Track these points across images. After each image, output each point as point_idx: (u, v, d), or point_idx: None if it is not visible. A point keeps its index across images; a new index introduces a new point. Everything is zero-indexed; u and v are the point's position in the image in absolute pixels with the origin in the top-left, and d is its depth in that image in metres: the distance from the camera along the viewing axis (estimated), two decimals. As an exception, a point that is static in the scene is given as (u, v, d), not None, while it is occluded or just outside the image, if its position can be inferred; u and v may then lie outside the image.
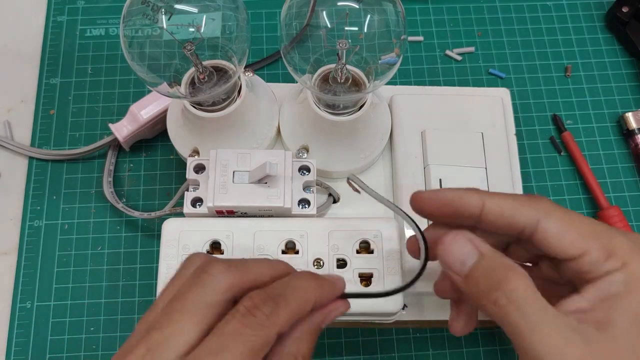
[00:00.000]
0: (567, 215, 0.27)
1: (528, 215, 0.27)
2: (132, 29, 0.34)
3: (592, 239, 0.26)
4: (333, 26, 0.35)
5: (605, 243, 0.26)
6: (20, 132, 0.46)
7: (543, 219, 0.27)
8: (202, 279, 0.26)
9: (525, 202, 0.27)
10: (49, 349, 0.40)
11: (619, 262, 0.25)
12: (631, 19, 0.49)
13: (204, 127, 0.38)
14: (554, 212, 0.27)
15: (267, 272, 0.28)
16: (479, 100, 0.42)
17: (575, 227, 0.26)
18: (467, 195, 0.28)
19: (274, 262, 0.29)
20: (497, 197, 0.28)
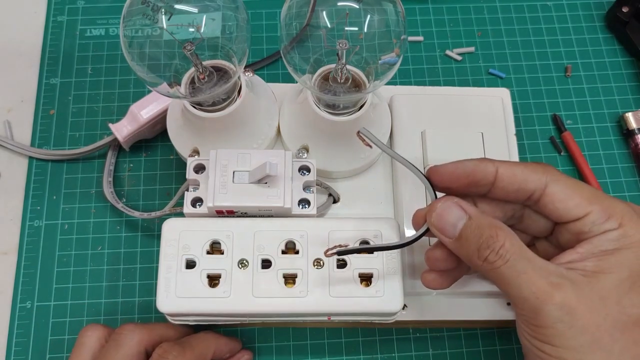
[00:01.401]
0: (572, 181, 0.29)
1: (538, 180, 0.29)
2: (132, 29, 0.34)
3: (594, 203, 0.28)
4: (333, 26, 0.35)
5: (606, 206, 0.28)
6: (20, 132, 0.46)
7: (551, 183, 0.29)
8: (117, 339, 0.33)
9: (534, 168, 0.30)
10: (49, 349, 0.40)
11: (616, 223, 0.27)
12: (631, 19, 0.49)
13: (204, 127, 0.38)
14: (561, 177, 0.29)
15: (171, 331, 0.36)
16: (479, 100, 0.42)
17: (579, 192, 0.29)
18: (483, 163, 0.30)
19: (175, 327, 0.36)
20: (509, 164, 0.30)
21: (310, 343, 0.40)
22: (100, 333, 0.34)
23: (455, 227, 0.29)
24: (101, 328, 0.35)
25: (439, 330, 0.41)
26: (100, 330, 0.34)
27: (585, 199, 0.28)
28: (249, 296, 0.33)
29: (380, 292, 0.34)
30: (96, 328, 0.35)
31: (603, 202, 0.28)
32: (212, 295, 0.33)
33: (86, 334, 0.34)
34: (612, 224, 0.28)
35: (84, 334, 0.34)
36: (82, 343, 0.34)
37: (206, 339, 0.36)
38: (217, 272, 0.34)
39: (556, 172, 0.30)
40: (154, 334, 0.34)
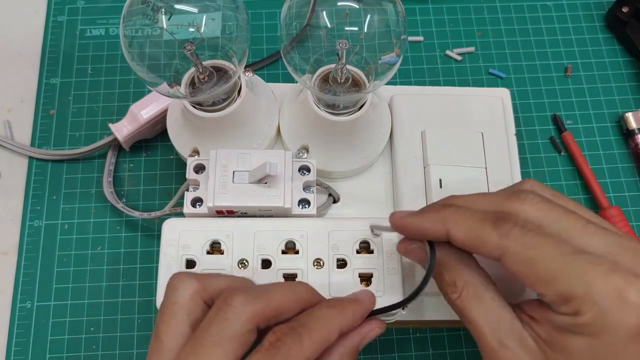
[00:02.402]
0: (530, 255, 0.26)
1: (490, 253, 0.27)
2: (132, 29, 0.34)
3: (549, 286, 0.26)
4: (333, 26, 0.35)
5: (562, 291, 0.25)
6: (20, 132, 0.46)
7: (505, 257, 0.27)
8: (224, 312, 0.26)
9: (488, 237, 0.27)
10: (49, 349, 0.40)
11: (571, 309, 0.25)
12: (631, 19, 0.49)
13: (204, 127, 0.38)
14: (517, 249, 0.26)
15: (289, 297, 0.28)
16: (479, 100, 0.42)
17: (534, 271, 0.26)
18: (432, 226, 0.29)
19: (295, 287, 0.29)
20: (461, 223, 0.28)
21: (310, 343, 0.40)
22: (194, 289, 0.28)
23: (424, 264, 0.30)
24: (195, 281, 0.28)
25: (439, 330, 0.41)
26: (194, 285, 0.28)
27: (540, 280, 0.26)
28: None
29: (380, 292, 0.34)
30: (189, 283, 0.28)
31: (560, 285, 0.25)
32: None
33: (178, 291, 0.28)
34: (567, 309, 0.25)
35: (174, 290, 0.28)
36: (174, 302, 0.27)
37: (329, 316, 0.28)
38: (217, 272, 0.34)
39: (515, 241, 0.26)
40: (270, 308, 0.27)
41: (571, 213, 0.27)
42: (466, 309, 0.28)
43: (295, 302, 0.28)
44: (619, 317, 0.24)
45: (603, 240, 0.26)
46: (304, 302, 0.29)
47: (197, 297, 0.28)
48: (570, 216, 0.27)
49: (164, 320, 0.27)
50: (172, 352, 0.26)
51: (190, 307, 0.27)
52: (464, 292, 0.28)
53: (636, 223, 0.44)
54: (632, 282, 0.24)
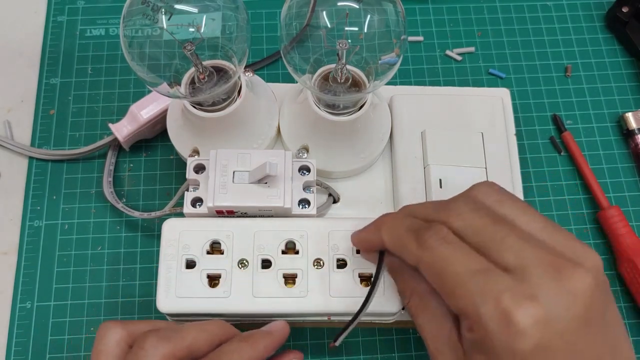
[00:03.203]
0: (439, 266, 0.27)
1: (410, 261, 0.28)
2: (132, 29, 0.34)
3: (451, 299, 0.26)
4: (333, 26, 0.35)
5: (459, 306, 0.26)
6: (20, 132, 0.46)
7: (419, 267, 0.28)
8: (137, 355, 0.28)
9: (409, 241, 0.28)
10: (49, 349, 0.40)
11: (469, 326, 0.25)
12: (631, 19, 0.49)
13: (204, 127, 0.38)
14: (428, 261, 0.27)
15: (200, 336, 0.29)
16: (479, 100, 0.42)
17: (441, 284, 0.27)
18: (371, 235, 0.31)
19: (207, 325, 0.30)
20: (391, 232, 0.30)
21: (310, 343, 0.40)
22: (119, 335, 0.30)
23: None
24: (119, 329, 0.30)
25: (439, 330, 0.41)
26: (119, 330, 0.30)
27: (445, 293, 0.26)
28: (249, 296, 0.33)
29: (380, 292, 0.34)
30: (114, 331, 0.30)
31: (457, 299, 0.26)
32: (212, 295, 0.33)
33: (105, 339, 0.29)
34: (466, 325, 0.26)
35: (101, 339, 0.30)
36: (100, 350, 0.29)
37: (241, 351, 0.29)
38: (217, 272, 0.34)
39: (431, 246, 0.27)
40: (182, 347, 0.28)
41: (496, 224, 0.26)
42: (413, 315, 0.30)
43: (207, 340, 0.30)
44: (506, 340, 0.23)
45: (517, 254, 0.25)
46: (217, 339, 0.30)
47: (122, 343, 0.29)
48: (490, 228, 0.26)
49: None
50: None
51: (115, 353, 0.29)
52: (411, 300, 0.30)
53: (636, 223, 0.44)
54: (523, 305, 0.23)
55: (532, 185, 0.45)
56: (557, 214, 0.44)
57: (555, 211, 0.44)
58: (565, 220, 0.44)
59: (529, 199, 0.44)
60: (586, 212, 0.45)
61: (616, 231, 0.42)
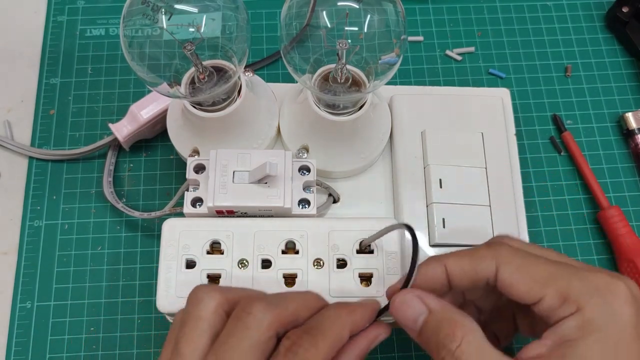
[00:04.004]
0: (524, 261, 0.28)
1: (487, 268, 0.28)
2: (132, 29, 0.34)
3: (547, 285, 0.27)
4: (333, 26, 0.35)
5: (560, 288, 0.27)
6: (20, 132, 0.46)
7: (500, 269, 0.28)
8: (244, 321, 0.26)
9: (482, 255, 0.29)
10: (49, 349, 0.40)
11: (573, 307, 0.26)
12: (631, 19, 0.49)
13: (204, 127, 0.38)
14: (511, 259, 0.28)
15: (303, 304, 0.29)
16: (479, 100, 0.42)
17: (530, 274, 0.27)
18: (430, 267, 0.29)
19: (308, 294, 0.30)
20: (456, 258, 0.29)
21: (310, 343, 0.40)
22: (218, 302, 0.28)
23: (416, 322, 0.28)
24: (218, 294, 0.28)
25: (439, 330, 0.41)
26: (218, 297, 0.28)
27: (537, 282, 0.27)
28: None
29: (380, 292, 0.34)
30: (213, 295, 0.28)
31: (556, 283, 0.27)
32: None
33: (202, 304, 0.27)
34: (569, 309, 0.26)
35: (198, 303, 0.28)
36: (198, 316, 0.27)
37: (339, 316, 0.28)
38: (217, 272, 0.34)
39: (506, 251, 0.28)
40: (287, 314, 0.27)
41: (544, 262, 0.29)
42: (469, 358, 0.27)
43: (309, 309, 0.29)
44: (618, 305, 0.26)
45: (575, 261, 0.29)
46: (315, 309, 0.29)
47: (220, 310, 0.28)
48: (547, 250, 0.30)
49: (185, 333, 0.27)
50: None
51: (212, 321, 0.27)
52: (464, 341, 0.27)
53: (636, 223, 0.44)
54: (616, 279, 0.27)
55: (532, 185, 0.45)
56: (557, 214, 0.44)
57: (555, 211, 0.44)
58: (565, 220, 0.44)
59: (529, 198, 0.44)
60: (586, 212, 0.45)
61: (616, 231, 0.42)
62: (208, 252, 0.34)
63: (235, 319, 0.27)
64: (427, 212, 0.39)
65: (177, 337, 0.27)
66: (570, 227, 0.44)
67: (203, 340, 0.27)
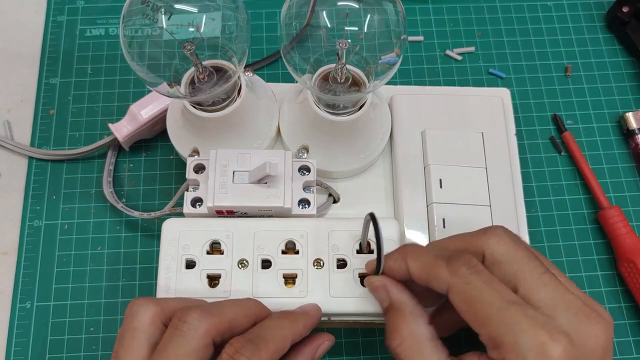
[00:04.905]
0: (474, 293, 0.27)
1: (439, 286, 0.28)
2: (132, 29, 0.34)
3: (482, 326, 0.27)
4: (333, 26, 0.35)
5: (492, 334, 0.26)
6: (20, 132, 0.46)
7: (450, 293, 0.28)
8: (180, 329, 0.27)
9: (438, 272, 0.28)
10: (48, 349, 0.40)
11: (501, 356, 0.26)
12: (631, 19, 0.49)
13: (204, 127, 0.38)
14: (462, 288, 0.27)
15: (240, 311, 0.30)
16: (479, 100, 0.42)
17: (473, 311, 0.27)
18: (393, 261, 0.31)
19: (246, 302, 0.31)
20: (416, 259, 0.30)
21: (310, 343, 0.40)
22: (154, 313, 0.28)
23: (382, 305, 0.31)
24: (154, 305, 0.29)
25: (439, 331, 0.41)
26: (153, 308, 0.28)
27: (477, 319, 0.27)
28: (249, 296, 0.33)
29: (380, 292, 0.33)
30: (147, 307, 0.28)
31: (491, 327, 0.26)
32: (212, 295, 0.33)
33: (138, 316, 0.28)
34: (497, 355, 0.26)
35: (134, 315, 0.28)
36: (134, 327, 0.28)
37: (282, 326, 0.30)
38: (217, 272, 0.34)
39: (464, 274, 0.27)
40: (223, 322, 0.28)
41: (535, 258, 0.28)
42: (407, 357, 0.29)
43: (247, 316, 0.30)
44: None
45: (551, 293, 0.27)
46: (254, 316, 0.30)
47: (157, 320, 0.29)
48: (532, 261, 0.28)
49: (124, 345, 0.28)
50: None
51: (150, 331, 0.28)
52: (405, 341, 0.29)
53: (636, 223, 0.44)
54: (558, 339, 0.25)
55: (532, 185, 0.45)
56: (557, 214, 0.44)
57: (555, 211, 0.44)
58: (565, 220, 0.44)
59: (529, 199, 0.44)
60: (586, 212, 0.45)
61: (616, 231, 0.42)
62: (208, 252, 0.34)
63: (171, 328, 0.28)
64: (427, 212, 0.39)
65: (115, 349, 0.28)
66: (571, 227, 0.44)
67: (142, 351, 0.28)
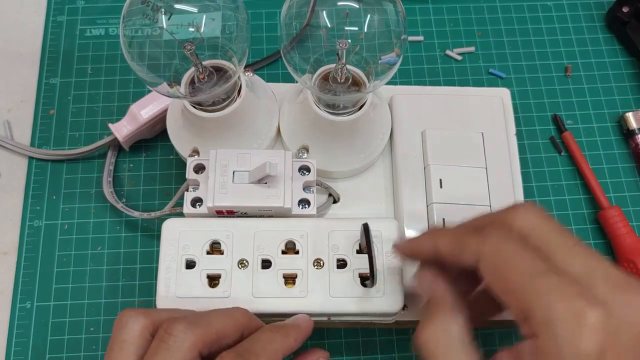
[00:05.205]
0: (504, 262, 0.26)
1: (469, 257, 0.27)
2: (132, 29, 0.34)
3: (513, 297, 0.25)
4: (333, 26, 0.35)
5: (522, 305, 0.25)
6: (20, 132, 0.46)
7: (479, 264, 0.27)
8: (166, 342, 0.27)
9: (467, 241, 0.27)
10: (48, 349, 0.40)
11: (530, 329, 0.24)
12: (631, 19, 0.49)
13: (204, 127, 0.38)
14: (492, 256, 0.26)
15: (228, 322, 0.29)
16: (479, 100, 0.42)
17: (503, 279, 0.26)
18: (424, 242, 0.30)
19: (233, 312, 0.30)
20: (447, 234, 0.29)
21: (310, 343, 0.40)
22: (143, 325, 0.28)
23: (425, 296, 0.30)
24: (143, 317, 0.28)
25: (439, 331, 0.41)
26: (142, 320, 0.28)
27: (507, 291, 0.25)
28: (249, 296, 0.33)
29: (380, 292, 0.34)
30: (137, 319, 0.28)
31: (521, 298, 0.25)
32: (212, 295, 0.33)
33: (127, 327, 0.28)
34: (527, 329, 0.24)
35: (124, 327, 0.28)
36: (123, 340, 0.28)
37: (273, 340, 0.29)
38: (217, 272, 0.34)
39: (493, 243, 0.26)
40: (210, 334, 0.28)
41: (565, 230, 0.27)
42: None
43: (234, 326, 0.29)
44: (574, 341, 0.23)
45: (585, 262, 0.25)
46: (242, 326, 0.30)
47: (145, 332, 0.28)
48: (563, 232, 0.27)
49: (112, 358, 0.28)
50: None
51: (138, 343, 0.28)
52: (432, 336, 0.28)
53: (636, 223, 0.44)
54: (596, 307, 0.23)
55: (532, 185, 0.45)
56: (557, 214, 0.44)
57: (556, 211, 0.44)
58: (565, 220, 0.44)
59: (530, 198, 0.44)
60: (586, 212, 0.45)
61: (616, 231, 0.42)
62: (208, 252, 0.34)
63: (157, 341, 0.27)
64: (427, 212, 0.39)
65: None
66: (571, 227, 0.44)
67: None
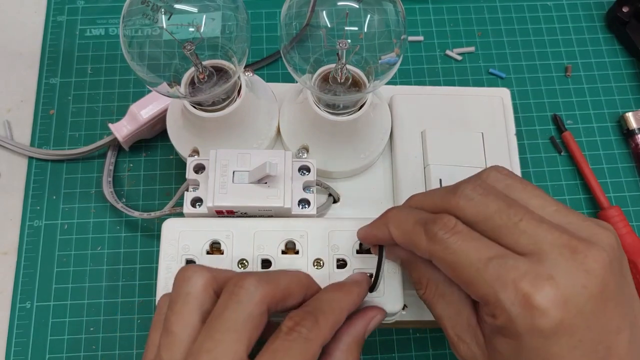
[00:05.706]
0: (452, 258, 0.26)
1: (423, 255, 0.28)
2: (132, 28, 0.34)
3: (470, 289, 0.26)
4: (333, 26, 0.35)
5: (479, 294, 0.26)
6: (20, 132, 0.46)
7: (433, 261, 0.27)
8: (236, 295, 0.26)
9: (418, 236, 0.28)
10: (48, 349, 0.40)
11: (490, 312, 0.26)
12: (631, 19, 0.49)
13: (204, 127, 0.38)
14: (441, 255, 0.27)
15: (294, 281, 0.29)
16: (479, 100, 0.42)
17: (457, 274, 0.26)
18: (378, 232, 0.31)
19: (298, 273, 0.30)
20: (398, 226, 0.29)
21: (310, 343, 0.40)
22: (207, 279, 0.27)
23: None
24: (206, 272, 0.27)
25: (439, 330, 0.41)
26: (206, 275, 0.27)
27: (463, 283, 0.27)
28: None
29: (380, 292, 0.33)
30: (201, 273, 0.27)
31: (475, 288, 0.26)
32: (212, 295, 0.33)
33: (191, 282, 0.27)
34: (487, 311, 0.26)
35: (186, 281, 0.27)
36: (187, 293, 0.27)
37: (338, 299, 0.29)
38: (217, 271, 0.34)
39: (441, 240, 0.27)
40: (279, 290, 0.27)
41: (509, 208, 0.26)
42: (432, 303, 0.30)
43: (299, 287, 0.29)
44: (529, 322, 0.24)
45: (531, 238, 0.25)
46: (306, 288, 0.30)
47: (209, 288, 0.27)
48: (505, 212, 0.26)
49: (175, 312, 0.26)
50: (184, 343, 0.26)
51: (202, 298, 0.27)
52: (427, 289, 0.30)
53: (636, 223, 0.44)
54: (541, 286, 0.24)
55: (532, 185, 0.45)
56: (557, 214, 0.44)
57: (556, 211, 0.44)
58: (565, 220, 0.44)
59: (529, 199, 0.44)
60: (586, 212, 0.45)
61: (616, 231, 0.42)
62: (208, 252, 0.34)
63: (227, 293, 0.26)
64: (427, 212, 0.38)
65: (166, 316, 0.27)
66: (571, 227, 0.44)
67: (194, 317, 0.26)
